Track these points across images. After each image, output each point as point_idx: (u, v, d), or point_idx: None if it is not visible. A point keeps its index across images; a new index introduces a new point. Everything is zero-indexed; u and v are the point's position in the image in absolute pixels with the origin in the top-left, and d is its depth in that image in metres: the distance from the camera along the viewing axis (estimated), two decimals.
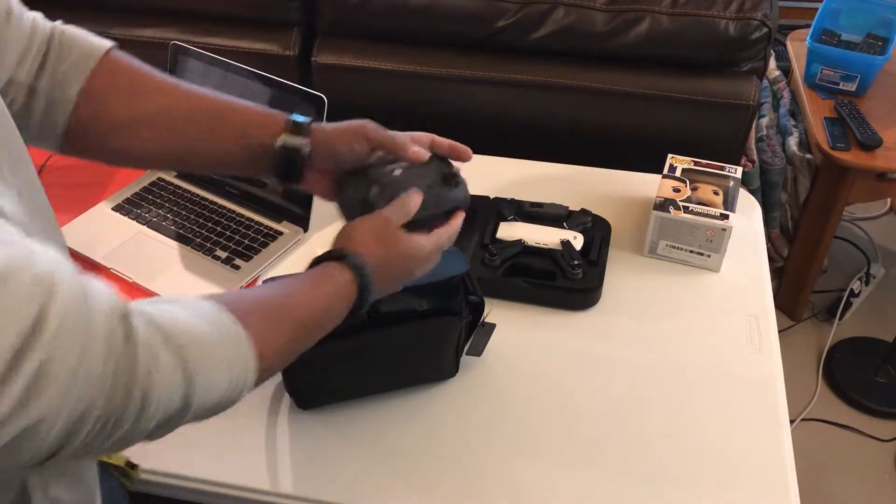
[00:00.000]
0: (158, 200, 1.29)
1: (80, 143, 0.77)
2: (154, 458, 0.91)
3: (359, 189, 0.83)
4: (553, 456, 0.94)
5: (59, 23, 0.76)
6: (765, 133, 1.94)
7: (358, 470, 0.92)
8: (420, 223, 0.82)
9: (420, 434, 0.96)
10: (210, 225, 1.24)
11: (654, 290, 1.14)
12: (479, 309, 0.97)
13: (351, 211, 0.84)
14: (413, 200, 0.82)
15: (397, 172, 0.84)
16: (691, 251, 1.16)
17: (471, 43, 1.50)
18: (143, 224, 1.25)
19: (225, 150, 0.82)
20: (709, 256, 1.16)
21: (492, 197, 1.23)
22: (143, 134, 0.79)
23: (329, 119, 1.05)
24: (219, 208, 1.27)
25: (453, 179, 0.87)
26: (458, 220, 0.87)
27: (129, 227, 1.25)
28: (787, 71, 2.10)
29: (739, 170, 1.21)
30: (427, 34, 1.51)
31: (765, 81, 2.05)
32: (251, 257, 1.19)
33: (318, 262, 0.76)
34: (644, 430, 0.96)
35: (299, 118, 0.82)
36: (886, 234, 2.43)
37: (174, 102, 0.80)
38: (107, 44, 0.78)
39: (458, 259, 0.95)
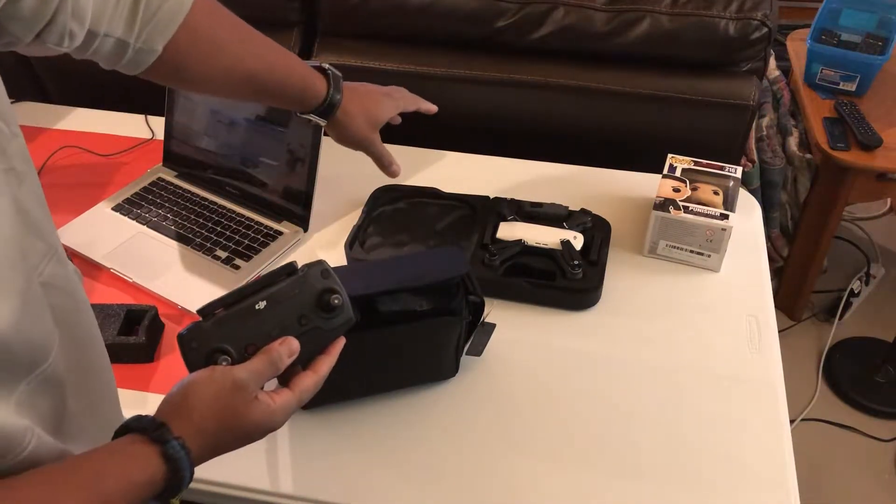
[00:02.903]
0: (158, 200, 1.29)
1: (155, 78, 0.86)
2: None
3: (202, 342, 0.66)
4: (553, 456, 0.94)
5: None
6: (765, 133, 1.94)
7: (358, 470, 0.92)
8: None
9: (420, 434, 0.96)
10: (210, 225, 1.25)
11: (654, 290, 1.14)
12: (479, 309, 0.97)
13: (196, 368, 0.66)
14: (283, 356, 0.67)
15: (260, 306, 0.67)
16: (691, 251, 1.16)
17: (471, 43, 1.50)
18: (143, 224, 1.25)
19: (281, 102, 1.02)
20: (709, 256, 1.16)
21: (492, 197, 1.23)
22: (217, 80, 0.91)
23: None
24: (219, 208, 1.28)
25: (333, 301, 0.69)
26: (337, 350, 0.72)
27: (129, 227, 1.25)
28: (787, 71, 2.10)
29: (739, 170, 1.21)
30: (427, 34, 1.51)
31: (765, 81, 2.05)
32: (251, 257, 1.19)
33: (128, 430, 0.61)
34: (644, 430, 0.96)
35: (335, 71, 1.01)
36: (886, 234, 2.43)
37: (247, 66, 0.92)
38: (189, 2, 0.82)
39: (458, 259, 0.95)
